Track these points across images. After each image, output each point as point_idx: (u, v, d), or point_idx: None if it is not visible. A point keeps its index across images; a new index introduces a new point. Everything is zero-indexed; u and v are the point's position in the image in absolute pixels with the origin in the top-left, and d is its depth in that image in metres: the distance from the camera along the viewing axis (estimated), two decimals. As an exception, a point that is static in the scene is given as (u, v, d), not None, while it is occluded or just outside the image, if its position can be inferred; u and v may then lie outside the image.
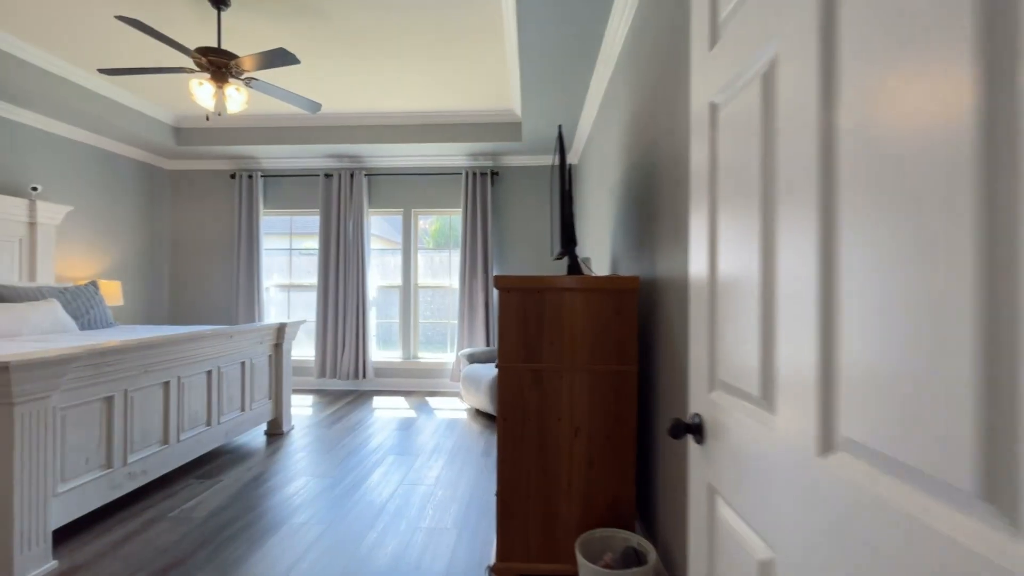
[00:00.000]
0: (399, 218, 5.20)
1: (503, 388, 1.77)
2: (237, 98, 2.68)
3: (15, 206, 3.46)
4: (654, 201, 1.87)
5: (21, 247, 3.54)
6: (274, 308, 5.29)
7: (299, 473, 2.82)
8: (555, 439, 1.76)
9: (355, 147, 4.63)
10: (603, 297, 1.75)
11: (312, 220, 5.27)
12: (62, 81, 3.44)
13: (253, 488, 2.62)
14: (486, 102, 4.19)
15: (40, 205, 3.60)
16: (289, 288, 5.29)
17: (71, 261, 4.06)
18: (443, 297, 5.22)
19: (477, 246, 4.85)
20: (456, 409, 4.29)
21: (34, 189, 3.65)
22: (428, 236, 5.35)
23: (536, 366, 1.76)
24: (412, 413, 4.16)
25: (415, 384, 5.06)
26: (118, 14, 2.01)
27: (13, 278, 3.48)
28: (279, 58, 2.50)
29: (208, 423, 2.83)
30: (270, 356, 3.47)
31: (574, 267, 2.09)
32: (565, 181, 2.00)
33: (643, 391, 2.03)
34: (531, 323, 1.76)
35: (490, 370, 3.99)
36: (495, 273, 4.94)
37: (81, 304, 3.34)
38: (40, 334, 2.91)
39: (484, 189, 4.89)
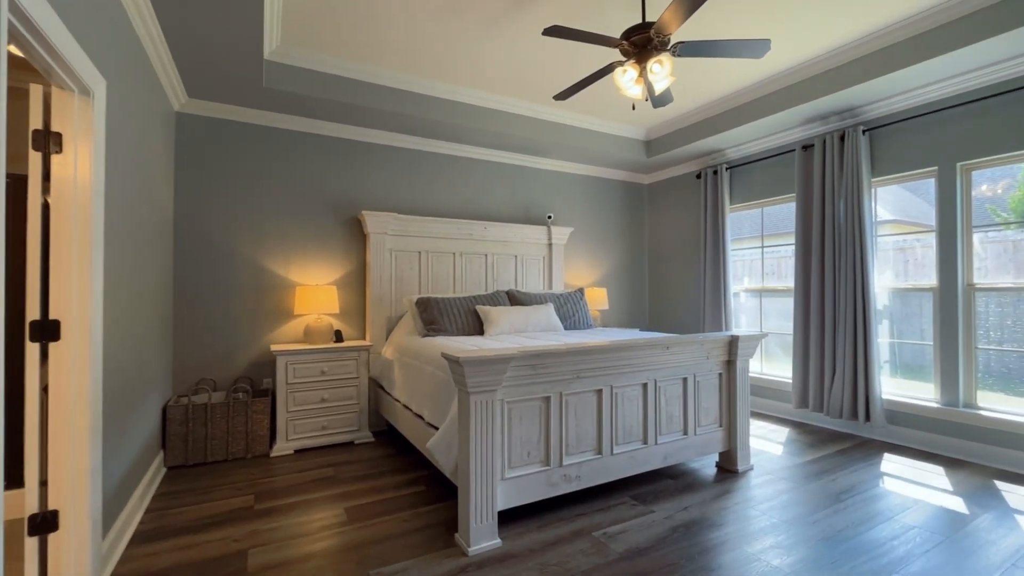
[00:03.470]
0: (926, 184, 3.36)
1: None
2: (660, 72, 2.31)
3: (539, 232, 4.54)
4: None
5: (542, 263, 4.61)
6: (744, 316, 4.63)
7: (744, 541, 2.08)
8: None
9: (845, 95, 3.32)
10: None
11: (785, 209, 4.26)
12: (551, 124, 4.22)
13: (682, 538, 2.12)
14: None
15: (553, 230, 4.58)
16: (761, 293, 4.48)
17: (573, 272, 4.98)
18: (1034, 307, 2.92)
19: None
20: (1076, 527, 2.19)
21: (549, 218, 4.69)
22: (997, 206, 3.16)
23: None
24: (960, 503, 2.45)
25: (968, 450, 3.07)
26: (548, 26, 2.12)
27: (539, 286, 4.57)
28: (697, -8, 1.92)
29: (644, 441, 2.57)
30: (720, 374, 2.88)
31: None
32: None
33: None
34: None
35: None
36: None
37: (569, 308, 3.94)
38: (536, 331, 3.58)
39: None
